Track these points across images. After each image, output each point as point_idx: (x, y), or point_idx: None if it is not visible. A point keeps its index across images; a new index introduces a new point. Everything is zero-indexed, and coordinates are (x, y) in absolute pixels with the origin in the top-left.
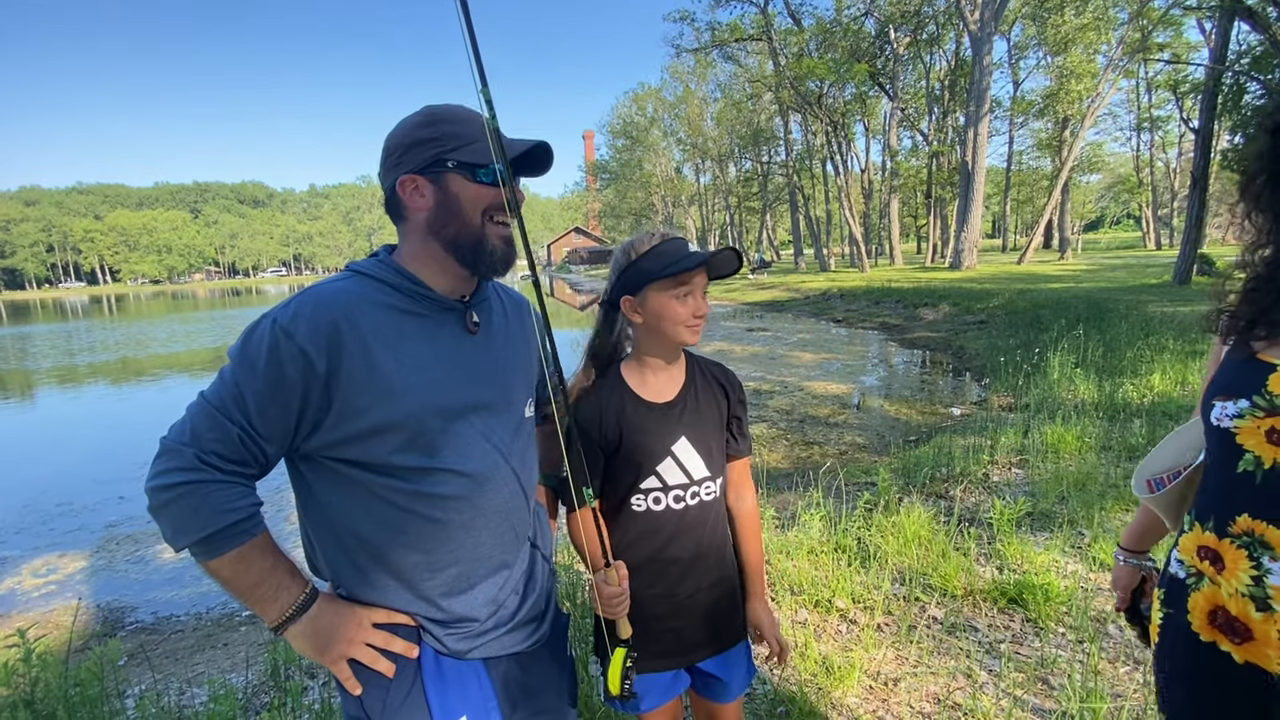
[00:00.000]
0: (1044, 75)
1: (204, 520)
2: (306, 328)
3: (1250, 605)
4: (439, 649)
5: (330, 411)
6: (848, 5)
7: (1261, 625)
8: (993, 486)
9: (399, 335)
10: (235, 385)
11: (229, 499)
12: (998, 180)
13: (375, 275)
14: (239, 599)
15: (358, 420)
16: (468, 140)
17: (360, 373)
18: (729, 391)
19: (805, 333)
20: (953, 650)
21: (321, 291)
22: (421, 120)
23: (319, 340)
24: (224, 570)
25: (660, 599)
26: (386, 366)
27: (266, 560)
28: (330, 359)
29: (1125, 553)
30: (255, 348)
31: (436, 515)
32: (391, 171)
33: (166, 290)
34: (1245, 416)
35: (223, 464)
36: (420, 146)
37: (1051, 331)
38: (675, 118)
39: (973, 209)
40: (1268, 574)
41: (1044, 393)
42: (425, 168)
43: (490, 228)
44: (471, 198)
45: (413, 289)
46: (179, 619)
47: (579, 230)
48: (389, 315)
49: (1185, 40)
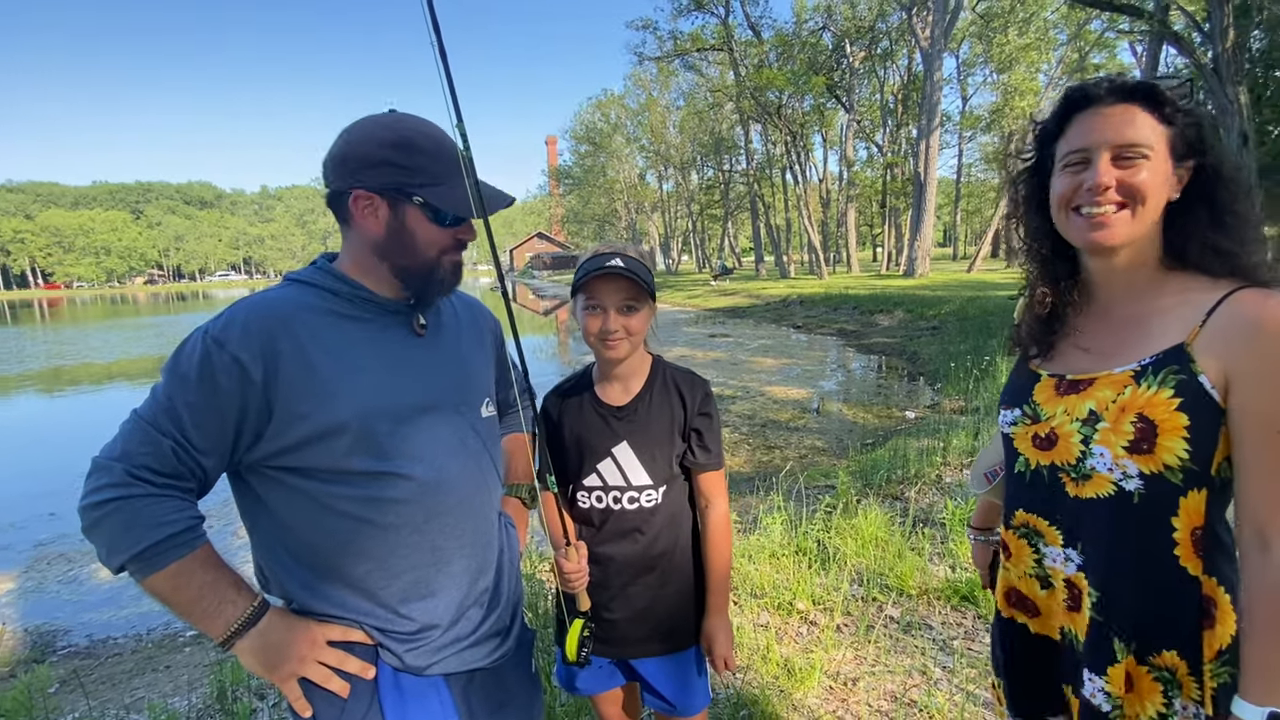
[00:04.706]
0: (990, 91)
1: (138, 535)
2: (240, 336)
3: (1036, 584)
4: (397, 665)
5: (272, 420)
6: (806, 19)
7: (1045, 600)
8: (945, 487)
9: (340, 340)
10: (168, 399)
11: (163, 513)
12: (948, 191)
13: (313, 282)
14: (181, 616)
15: (300, 426)
16: (438, 180)
17: (299, 378)
18: (687, 402)
19: (766, 338)
20: (909, 648)
21: (255, 300)
22: (394, 141)
23: (253, 348)
24: (162, 586)
25: (597, 589)
26: (326, 371)
27: (208, 574)
28: (267, 367)
29: (975, 531)
30: (187, 360)
31: (388, 520)
32: (347, 178)
33: (105, 294)
34: (1017, 424)
35: (155, 478)
36: (386, 168)
37: (999, 337)
38: (638, 125)
39: (925, 218)
40: (1044, 557)
41: (993, 396)
42: (385, 190)
43: (444, 259)
44: (430, 239)
45: (354, 293)
46: (117, 641)
47: (542, 235)
48: (328, 320)
49: (1119, 62)
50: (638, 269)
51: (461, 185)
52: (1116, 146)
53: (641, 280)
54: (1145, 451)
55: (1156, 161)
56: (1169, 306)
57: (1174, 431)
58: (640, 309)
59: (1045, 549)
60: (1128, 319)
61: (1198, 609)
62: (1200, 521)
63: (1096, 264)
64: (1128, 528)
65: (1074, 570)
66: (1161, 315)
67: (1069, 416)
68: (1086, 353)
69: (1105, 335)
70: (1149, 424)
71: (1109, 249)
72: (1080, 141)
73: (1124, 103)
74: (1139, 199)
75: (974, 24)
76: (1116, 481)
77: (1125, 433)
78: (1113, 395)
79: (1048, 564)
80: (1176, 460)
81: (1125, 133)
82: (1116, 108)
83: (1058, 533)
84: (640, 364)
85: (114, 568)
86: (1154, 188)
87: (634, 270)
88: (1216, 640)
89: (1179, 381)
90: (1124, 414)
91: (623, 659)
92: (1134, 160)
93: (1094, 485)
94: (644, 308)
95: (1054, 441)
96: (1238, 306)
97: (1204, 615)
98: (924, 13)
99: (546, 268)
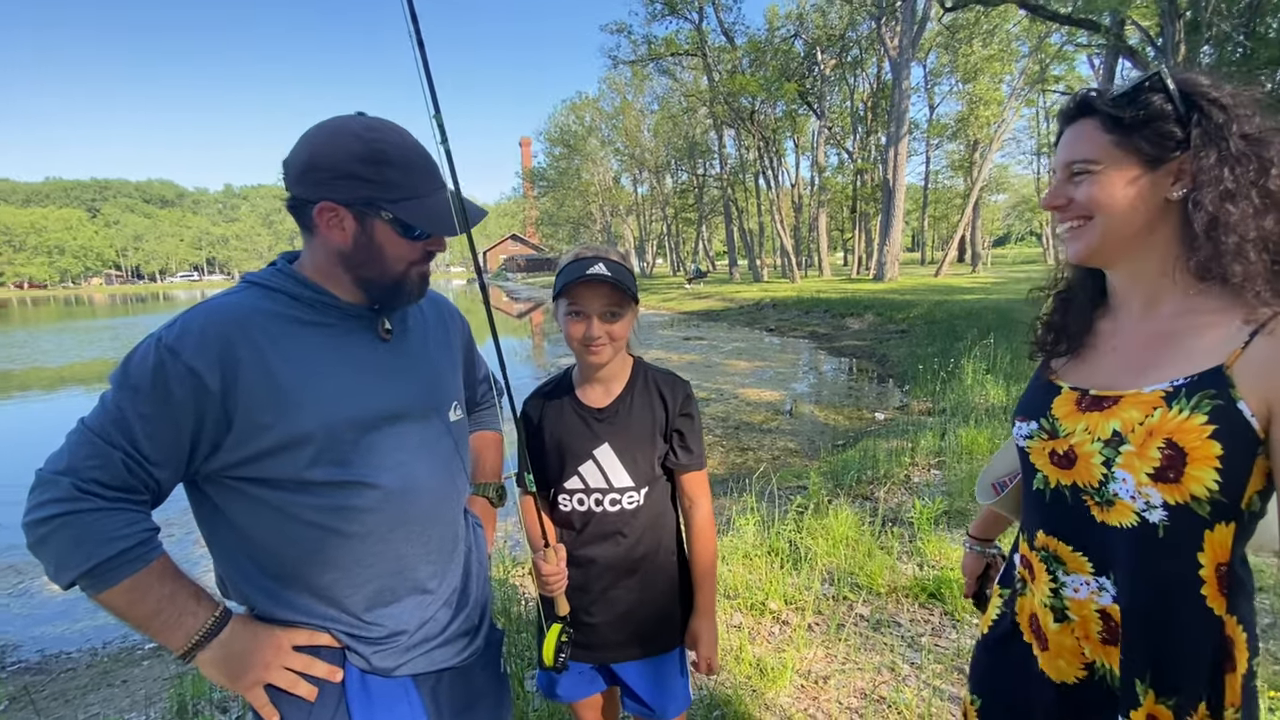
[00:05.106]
0: (956, 101)
1: (88, 551)
2: (195, 344)
3: (1050, 616)
4: (364, 667)
5: (231, 430)
6: (779, 26)
7: (1057, 635)
8: (913, 487)
9: (302, 346)
10: (118, 409)
11: (114, 527)
12: (916, 197)
13: (274, 286)
14: (139, 630)
15: (262, 437)
16: (409, 194)
17: (260, 388)
18: (668, 403)
19: (740, 341)
20: (878, 646)
21: (211, 306)
22: (361, 153)
23: (209, 357)
24: (117, 601)
25: (578, 591)
26: (288, 380)
27: (165, 587)
28: (224, 376)
29: (972, 540)
30: (138, 369)
31: (354, 529)
32: (312, 188)
33: (59, 295)
34: (1034, 438)
35: (105, 491)
36: (355, 181)
37: (965, 340)
38: (613, 128)
39: (894, 224)
40: (1063, 586)
41: (959, 397)
42: (352, 204)
43: (412, 271)
44: (399, 253)
45: (315, 298)
46: (70, 656)
47: (516, 238)
48: (289, 327)
49: (1078, 74)
50: (621, 275)
51: (432, 198)
52: (1065, 165)
53: (625, 286)
54: (1171, 480)
55: (1109, 172)
56: (1208, 324)
57: (1205, 461)
58: (623, 315)
59: (1066, 577)
60: (1160, 334)
61: (1220, 650)
62: (1226, 557)
63: (1109, 275)
64: (1151, 562)
65: (1109, 601)
66: (1198, 333)
67: (1090, 435)
68: (1113, 365)
69: (1135, 349)
70: (1178, 451)
71: (1083, 262)
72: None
73: (1074, 120)
74: (1089, 212)
75: (940, 35)
76: (1139, 511)
77: (1151, 459)
78: (1140, 416)
79: (1066, 594)
80: (1205, 492)
81: (1069, 151)
82: (1070, 127)
83: (1085, 559)
84: (621, 366)
85: (64, 584)
86: (1105, 200)
87: (618, 277)
88: (1238, 683)
89: (1215, 407)
90: (1151, 438)
91: (603, 664)
92: (1081, 175)
93: (1118, 513)
94: (627, 314)
95: (1073, 460)
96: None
97: (1226, 657)
98: (892, 23)
99: (521, 270)
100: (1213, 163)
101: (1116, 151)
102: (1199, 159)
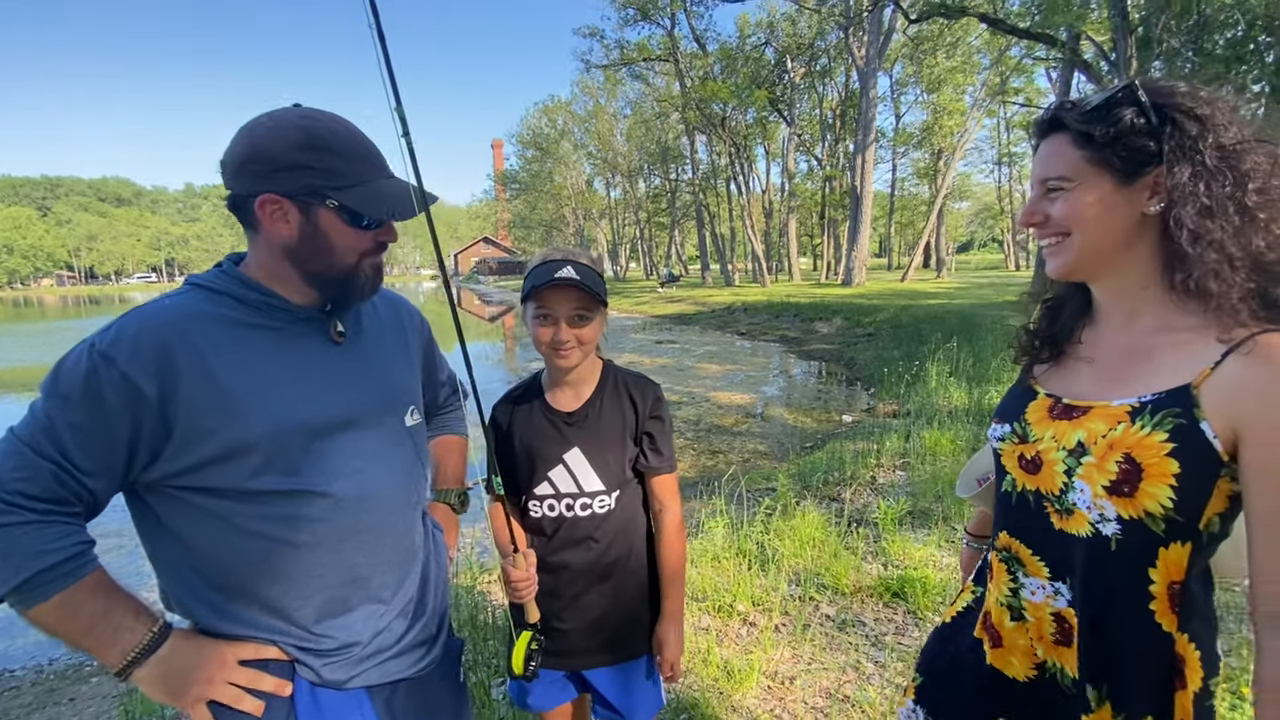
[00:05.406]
0: (921, 110)
1: (16, 565)
2: (129, 351)
3: (1006, 614)
4: (314, 680)
5: (171, 439)
6: (749, 34)
7: (1012, 634)
8: (879, 488)
9: (247, 351)
10: (48, 418)
11: (44, 541)
12: (883, 204)
13: (218, 288)
14: (73, 647)
15: (203, 446)
16: (353, 180)
17: (201, 395)
18: (638, 405)
19: (711, 345)
20: (843, 645)
21: (149, 310)
22: (301, 141)
23: (145, 364)
24: (47, 618)
25: (549, 598)
26: (231, 386)
27: (98, 603)
28: (162, 384)
29: (970, 536)
30: (69, 376)
31: (303, 539)
32: (251, 181)
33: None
34: (1006, 440)
35: (34, 504)
36: (295, 171)
37: (930, 343)
38: (586, 132)
39: (862, 230)
40: (1021, 588)
41: (923, 400)
42: (296, 194)
43: (364, 262)
44: (349, 243)
45: (262, 300)
46: (13, 674)
47: (488, 240)
48: (234, 331)
49: (1036, 87)
50: (590, 278)
51: (379, 184)
52: (1040, 182)
53: (593, 290)
54: (1125, 495)
55: (1082, 189)
56: (1182, 341)
57: (1160, 478)
58: (592, 318)
59: (1024, 579)
60: (1137, 348)
61: (1170, 668)
62: (1180, 576)
63: (1092, 288)
64: (1103, 573)
65: (1064, 605)
66: (1173, 350)
67: (1056, 443)
68: (1089, 376)
69: (1112, 361)
70: (1135, 466)
71: (1063, 277)
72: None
73: (1047, 136)
74: (1065, 228)
75: (905, 46)
76: (1094, 523)
77: (1109, 471)
78: (1104, 429)
79: (1024, 595)
80: (1159, 509)
81: (1043, 167)
82: (1044, 142)
83: (1041, 564)
84: (591, 369)
85: None
86: (1080, 217)
87: (586, 280)
88: (1189, 701)
89: (1176, 426)
90: (1111, 451)
91: (574, 670)
92: (1056, 192)
93: (1075, 522)
94: (596, 317)
95: (1039, 466)
96: (1261, 350)
97: (1176, 674)
98: (860, 33)
99: (492, 273)
100: (1187, 177)
101: (1089, 168)
102: (1173, 173)
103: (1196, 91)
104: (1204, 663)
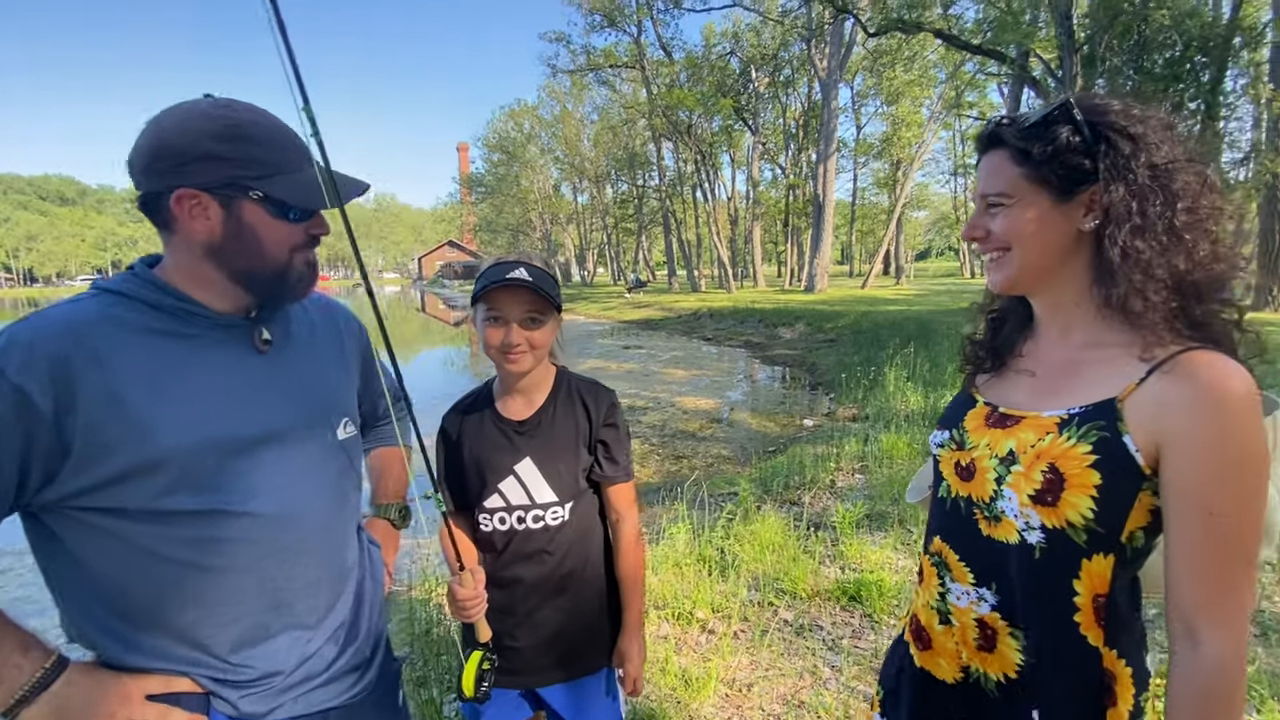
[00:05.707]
0: (881, 121)
1: None
2: (20, 361)
3: (935, 618)
4: (231, 714)
5: (69, 457)
6: (715, 43)
7: (941, 637)
8: (838, 491)
9: (156, 361)
10: None
11: None
12: (845, 212)
13: (127, 293)
14: None
15: (105, 464)
16: (276, 170)
17: (102, 410)
18: (592, 413)
19: (677, 350)
20: (801, 650)
21: (46, 317)
22: (219, 131)
23: (38, 375)
24: None
25: (501, 614)
26: (138, 400)
27: None
28: (58, 397)
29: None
30: None
31: (217, 563)
32: (163, 177)
33: None
34: (945, 447)
35: None
36: (212, 162)
37: (889, 349)
38: (553, 136)
39: (824, 237)
40: (948, 592)
41: (882, 404)
42: (215, 187)
43: (296, 257)
44: (278, 238)
45: (178, 307)
46: None
47: (453, 244)
48: (143, 339)
49: (989, 101)
50: (542, 280)
51: (304, 173)
52: (982, 198)
53: (546, 292)
54: (1048, 504)
55: (1020, 205)
56: (1110, 356)
57: (1082, 489)
58: (545, 322)
59: (951, 584)
60: (1070, 361)
61: (1100, 684)
62: (1104, 589)
63: (1032, 301)
64: (1029, 582)
65: (987, 610)
66: (1100, 365)
67: (989, 451)
68: (1026, 387)
69: (1047, 373)
70: (1058, 476)
71: (1003, 291)
72: None
73: (987, 151)
74: (1005, 244)
75: (866, 59)
76: (1020, 531)
77: (1034, 480)
78: (1034, 439)
79: (950, 600)
80: (1080, 519)
81: (984, 183)
82: (985, 158)
83: (966, 570)
84: (544, 376)
85: None
86: (1019, 233)
87: (538, 282)
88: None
89: (1100, 438)
90: (1038, 460)
91: (529, 688)
92: (995, 208)
93: (1003, 530)
94: (549, 320)
95: (972, 474)
96: (1182, 369)
97: (1106, 692)
98: (822, 45)
99: (458, 277)
100: (1120, 196)
101: (1026, 185)
102: (1108, 192)
103: (1130, 110)
104: (1135, 679)
